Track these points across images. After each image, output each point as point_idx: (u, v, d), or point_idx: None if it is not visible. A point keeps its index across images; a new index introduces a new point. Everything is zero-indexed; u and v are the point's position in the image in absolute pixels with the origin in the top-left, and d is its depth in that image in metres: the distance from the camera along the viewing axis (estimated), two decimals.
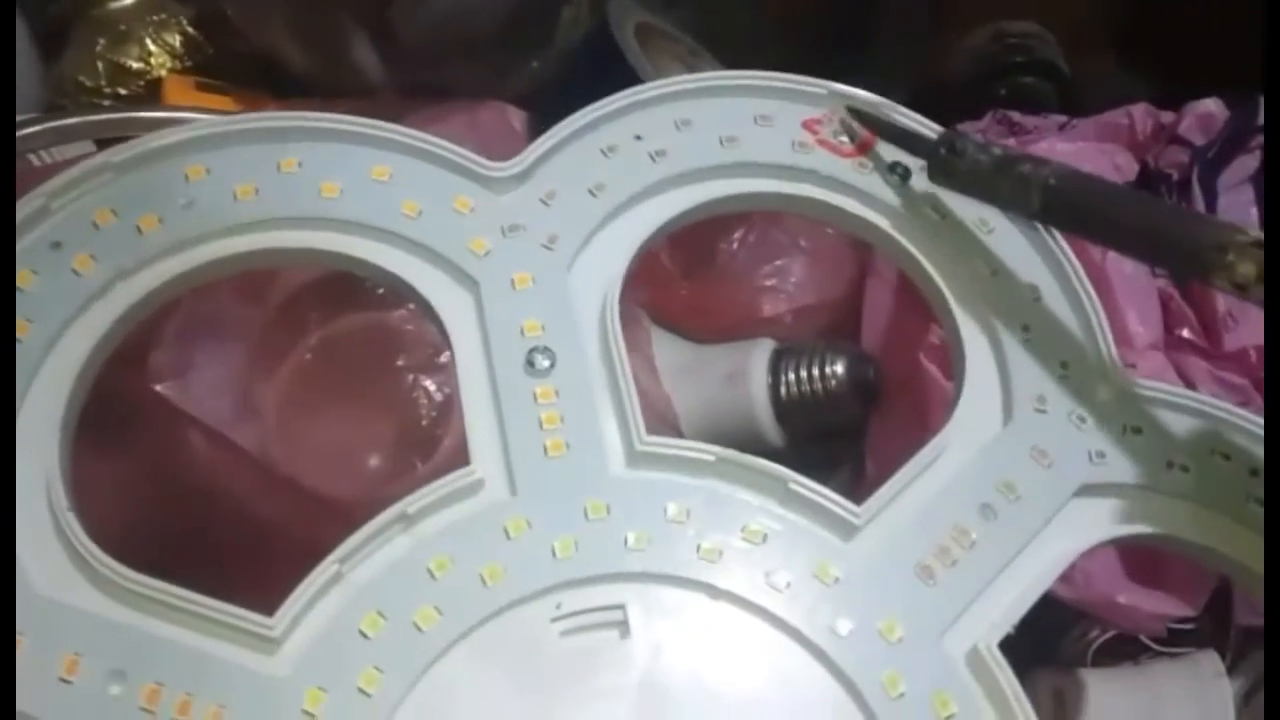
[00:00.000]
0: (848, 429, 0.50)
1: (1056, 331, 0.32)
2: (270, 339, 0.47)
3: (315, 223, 0.32)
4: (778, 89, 0.35)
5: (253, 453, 0.43)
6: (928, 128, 0.35)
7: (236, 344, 0.46)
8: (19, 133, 0.49)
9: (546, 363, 0.30)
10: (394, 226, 0.32)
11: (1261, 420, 0.31)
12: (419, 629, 0.26)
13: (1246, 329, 0.45)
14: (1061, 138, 0.54)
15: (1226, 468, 0.31)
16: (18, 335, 0.29)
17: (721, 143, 0.34)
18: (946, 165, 0.32)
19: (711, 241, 0.55)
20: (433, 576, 0.27)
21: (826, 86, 0.35)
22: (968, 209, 0.34)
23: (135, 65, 0.64)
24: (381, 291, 0.47)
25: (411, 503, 0.28)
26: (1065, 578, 0.44)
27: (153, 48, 0.64)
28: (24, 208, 0.31)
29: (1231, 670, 0.46)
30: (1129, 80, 0.71)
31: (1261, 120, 0.53)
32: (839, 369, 0.48)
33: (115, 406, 0.42)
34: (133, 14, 0.64)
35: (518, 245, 0.32)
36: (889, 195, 0.34)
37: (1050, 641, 0.49)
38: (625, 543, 0.28)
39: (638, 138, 0.34)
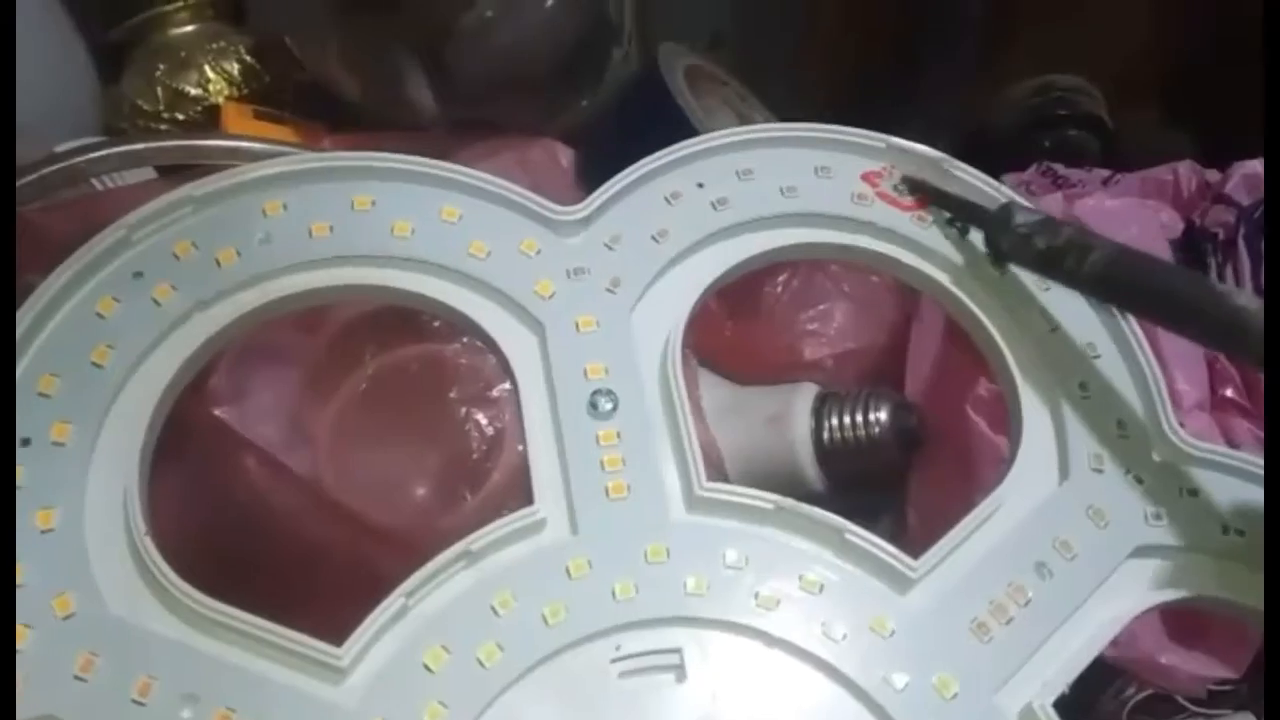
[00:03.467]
0: (888, 476, 0.51)
1: (1114, 391, 0.33)
2: (325, 368, 0.48)
3: (387, 260, 0.33)
4: (837, 141, 0.36)
5: (305, 477, 0.43)
6: (983, 183, 0.36)
7: (291, 371, 0.47)
8: (86, 157, 0.50)
9: (609, 405, 0.31)
10: (463, 266, 0.33)
11: None
12: (482, 665, 0.27)
13: None
14: (1108, 194, 0.55)
15: None
16: (99, 361, 0.30)
17: (782, 193, 0.35)
18: (998, 249, 0.33)
19: (756, 284, 0.55)
20: (496, 613, 0.28)
21: (886, 140, 0.36)
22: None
23: (194, 91, 0.65)
24: (437, 324, 0.48)
25: (475, 540, 0.28)
26: None
27: (211, 75, 0.66)
28: (106, 238, 0.32)
29: None
30: (1173, 135, 0.71)
31: None
32: (882, 415, 0.49)
33: (174, 429, 0.43)
34: (192, 41, 0.66)
35: (582, 288, 0.33)
36: (947, 249, 0.34)
37: (1086, 699, 0.49)
38: (684, 587, 0.29)
39: (700, 185, 0.35)
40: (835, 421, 0.49)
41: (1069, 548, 0.30)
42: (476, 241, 0.33)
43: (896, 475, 0.50)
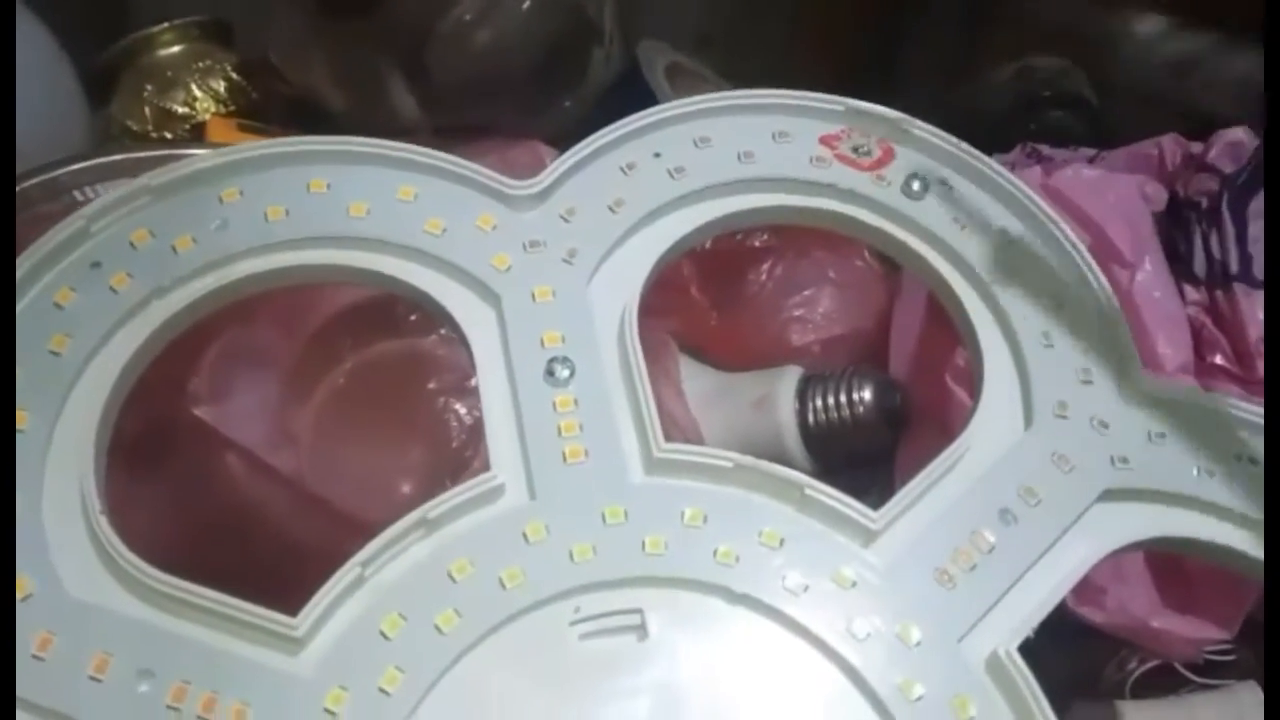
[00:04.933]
0: (876, 455, 0.50)
1: (1078, 340, 0.32)
2: (304, 366, 0.48)
3: (344, 241, 0.33)
4: (795, 106, 0.36)
5: (288, 476, 0.44)
6: (945, 142, 0.36)
7: (271, 372, 0.48)
8: (66, 169, 0.50)
9: (566, 372, 0.31)
10: (419, 244, 0.33)
11: None
12: (440, 631, 0.27)
13: None
14: (1086, 166, 0.55)
15: (1253, 472, 0.30)
16: (57, 349, 0.30)
17: (739, 158, 0.35)
18: None
19: (740, 273, 0.55)
20: (453, 580, 0.28)
21: (843, 103, 0.36)
22: (988, 218, 0.34)
23: (181, 110, 0.66)
24: (414, 318, 0.48)
25: (432, 508, 0.28)
26: (1099, 603, 0.43)
27: (198, 93, 0.66)
28: (64, 229, 0.32)
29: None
30: (1155, 112, 0.71)
31: None
32: (866, 395, 0.48)
33: (156, 430, 0.43)
34: (179, 61, 0.67)
35: (538, 260, 0.33)
36: (907, 207, 0.34)
37: (1089, 674, 0.48)
38: (643, 547, 0.28)
39: (657, 155, 0.35)
40: (820, 403, 0.49)
41: (1033, 494, 0.29)
42: (433, 219, 0.33)
43: (883, 453, 0.50)
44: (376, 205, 0.33)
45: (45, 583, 0.27)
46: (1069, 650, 0.30)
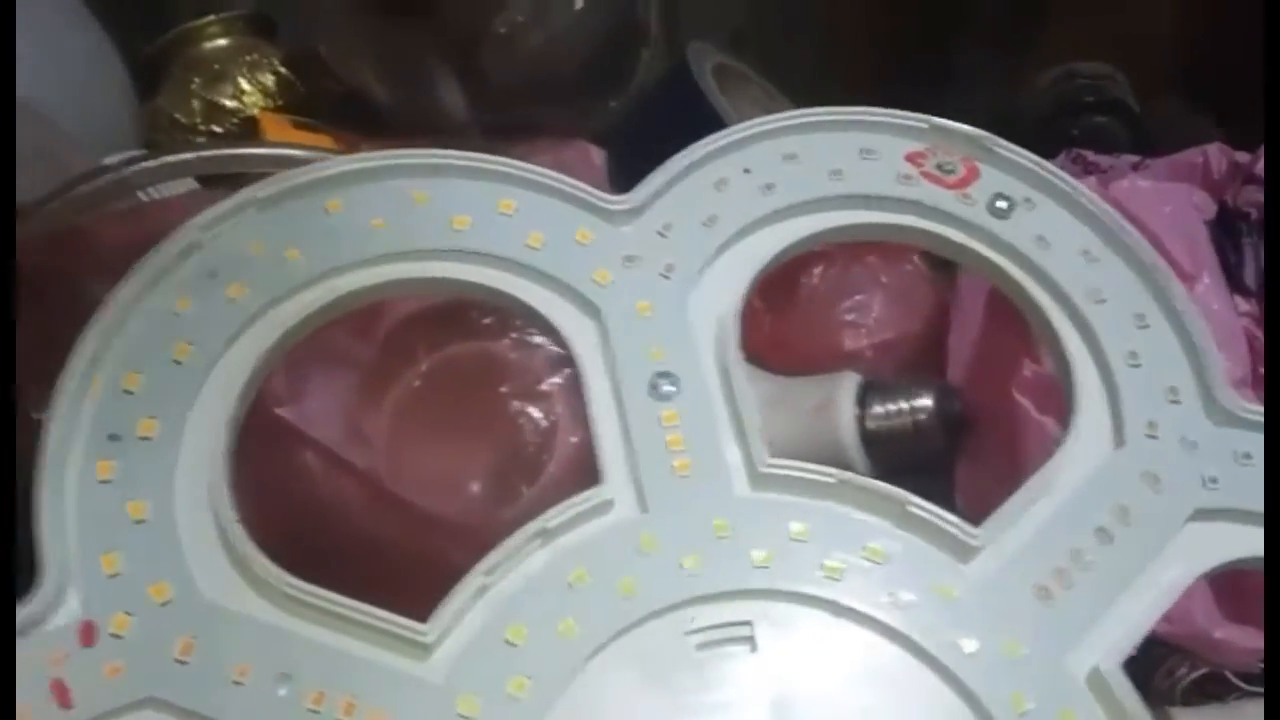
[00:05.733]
0: (934, 462, 0.51)
1: (1164, 359, 0.33)
2: (379, 369, 0.49)
3: (447, 254, 0.34)
4: (880, 123, 0.37)
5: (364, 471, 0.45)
6: (1026, 159, 0.36)
7: (346, 374, 0.48)
8: (137, 167, 0.51)
9: (670, 387, 0.32)
10: (521, 257, 0.34)
11: None
12: (562, 639, 0.28)
13: None
14: (1140, 176, 0.55)
15: None
16: (179, 358, 0.31)
17: (829, 176, 0.36)
18: None
19: (792, 278, 0.56)
20: (571, 588, 0.29)
21: (928, 121, 0.37)
22: (1072, 239, 0.35)
23: (229, 104, 0.66)
24: (486, 321, 0.49)
25: (550, 519, 0.29)
26: (1164, 615, 0.44)
27: (246, 87, 0.67)
28: (178, 241, 0.33)
29: None
30: (1199, 120, 0.72)
31: None
32: (927, 401, 0.49)
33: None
34: (227, 54, 0.67)
35: (637, 275, 0.34)
36: (994, 225, 0.35)
37: (1138, 683, 0.49)
38: (751, 560, 0.29)
39: (747, 171, 0.36)
40: (880, 409, 0.49)
41: (1127, 513, 0.31)
42: (534, 233, 0.34)
43: (942, 461, 0.51)
44: (478, 218, 0.34)
45: (183, 588, 0.28)
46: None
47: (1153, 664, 0.49)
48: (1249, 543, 0.31)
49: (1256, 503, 0.31)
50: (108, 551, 0.29)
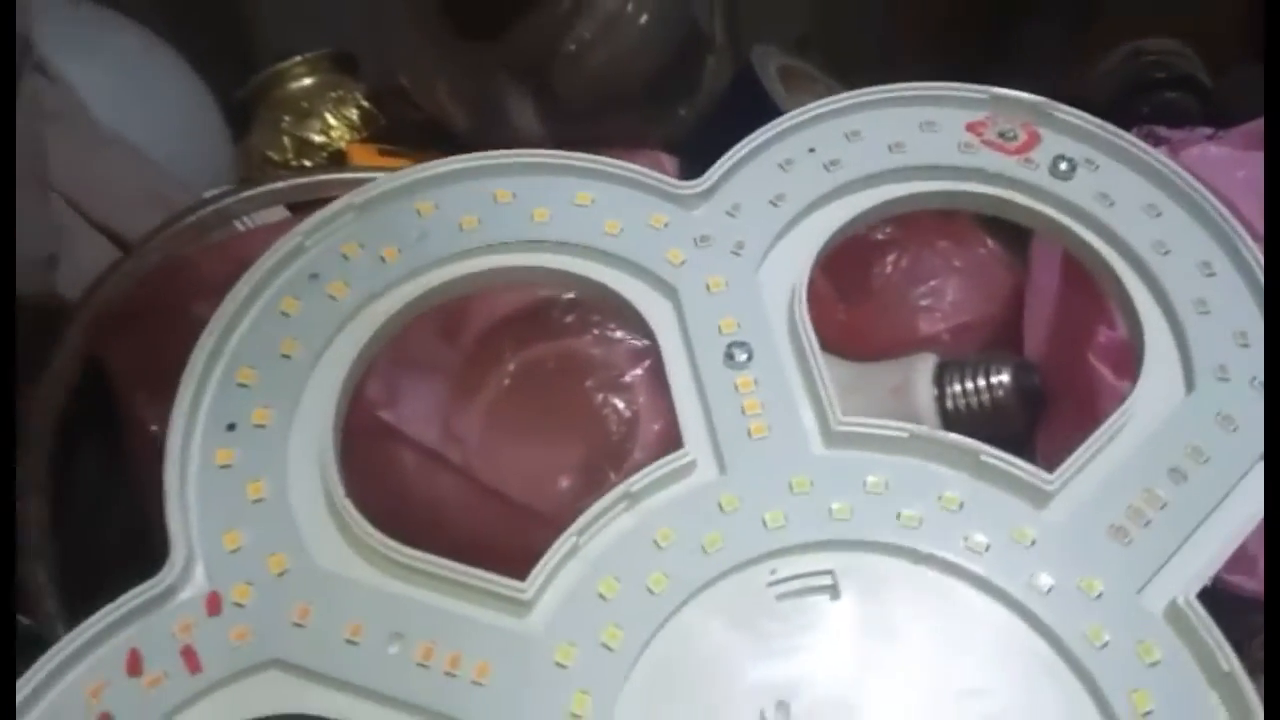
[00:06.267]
0: (1015, 438, 0.51)
1: (1232, 304, 0.34)
2: (468, 372, 0.51)
3: (531, 245, 0.36)
4: (940, 96, 0.38)
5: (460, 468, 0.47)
6: (1089, 123, 0.37)
7: (437, 379, 0.51)
8: (229, 199, 0.54)
9: (744, 356, 0.33)
10: (599, 244, 0.36)
11: None
12: (651, 592, 0.29)
13: None
14: (1212, 144, 0.55)
15: None
16: (288, 353, 0.34)
17: (890, 149, 0.37)
18: None
19: (865, 265, 0.57)
20: (658, 546, 0.30)
21: (987, 91, 0.38)
22: (1135, 195, 0.36)
23: (318, 139, 0.70)
24: (569, 320, 0.51)
25: (634, 483, 0.31)
26: (1252, 571, 0.44)
27: (333, 121, 0.70)
28: (282, 247, 0.36)
29: None
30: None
31: None
32: (1005, 378, 0.49)
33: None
34: (313, 92, 0.71)
35: (709, 254, 0.35)
36: (1057, 187, 0.36)
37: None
38: (830, 513, 0.31)
39: (811, 150, 0.37)
40: (958, 388, 0.50)
41: (1201, 453, 0.31)
42: (610, 221, 0.36)
43: (1022, 435, 0.51)
44: (558, 211, 0.36)
45: (298, 558, 0.30)
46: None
47: (1248, 635, 0.49)
48: None
49: None
50: (229, 530, 0.31)
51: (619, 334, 0.51)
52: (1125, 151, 0.37)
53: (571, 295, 0.52)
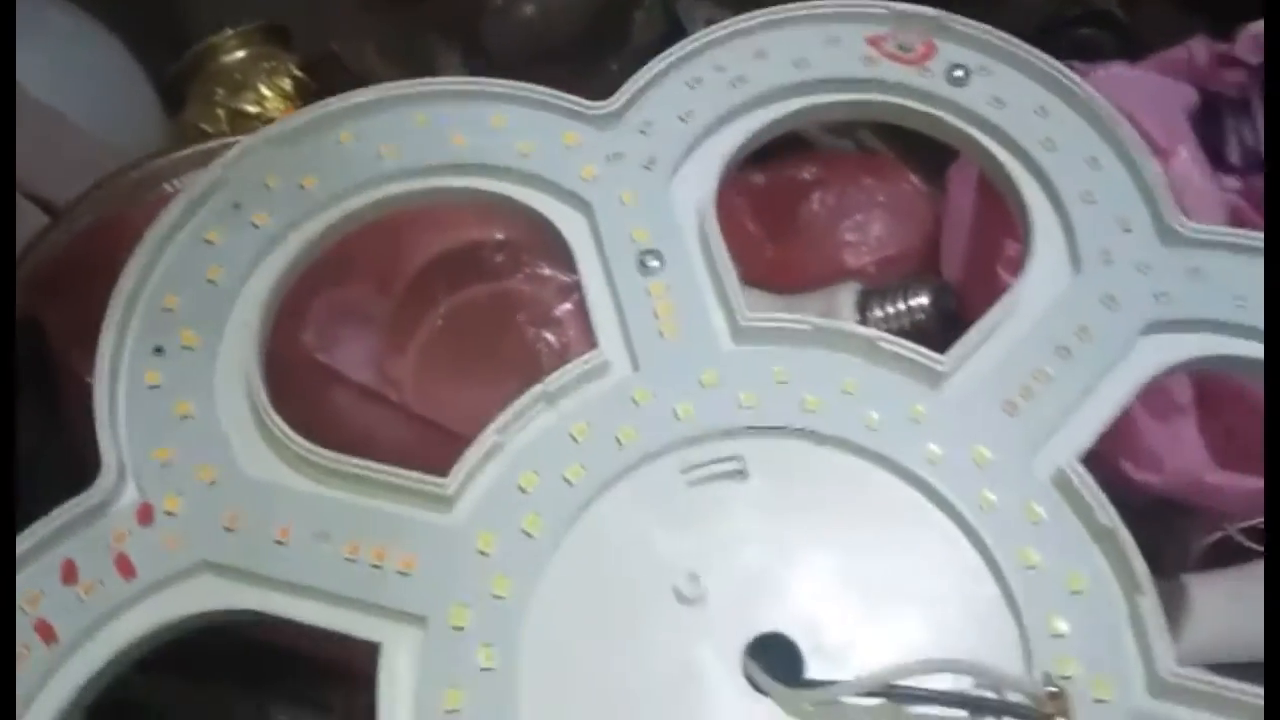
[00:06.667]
0: None
1: (1116, 195, 0.35)
2: (401, 317, 0.52)
3: (448, 169, 0.37)
4: (843, 14, 0.39)
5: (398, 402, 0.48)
6: (989, 34, 0.38)
7: (371, 327, 0.52)
8: (159, 160, 0.55)
9: (656, 263, 0.35)
10: (515, 164, 0.37)
11: None
12: (569, 482, 0.31)
13: None
14: (1121, 67, 0.57)
15: None
16: (213, 279, 0.35)
17: (795, 65, 0.38)
18: None
19: (792, 205, 0.59)
20: (575, 440, 0.32)
21: (887, 6, 0.39)
22: (1026, 98, 0.37)
23: (252, 109, 0.70)
24: (499, 259, 0.52)
25: (551, 382, 0.32)
26: (1154, 465, 0.46)
27: (266, 92, 0.70)
28: (204, 180, 0.37)
29: None
30: (1187, 21, 0.73)
31: None
32: (924, 300, 0.51)
33: (277, 374, 0.48)
34: (246, 65, 0.71)
35: (622, 169, 0.37)
36: (951, 93, 0.37)
37: (1153, 558, 0.51)
38: (738, 403, 0.32)
39: (719, 69, 0.38)
40: (879, 313, 0.52)
41: (1086, 331, 0.33)
42: (524, 142, 0.37)
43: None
44: (473, 134, 0.37)
45: (226, 469, 0.32)
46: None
47: (1167, 539, 0.51)
48: (1199, 346, 0.33)
49: (1204, 312, 0.33)
50: (158, 446, 0.32)
51: (548, 271, 0.52)
52: (1018, 57, 0.38)
53: (501, 237, 0.53)
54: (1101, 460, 0.46)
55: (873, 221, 0.58)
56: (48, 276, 0.50)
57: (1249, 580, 0.47)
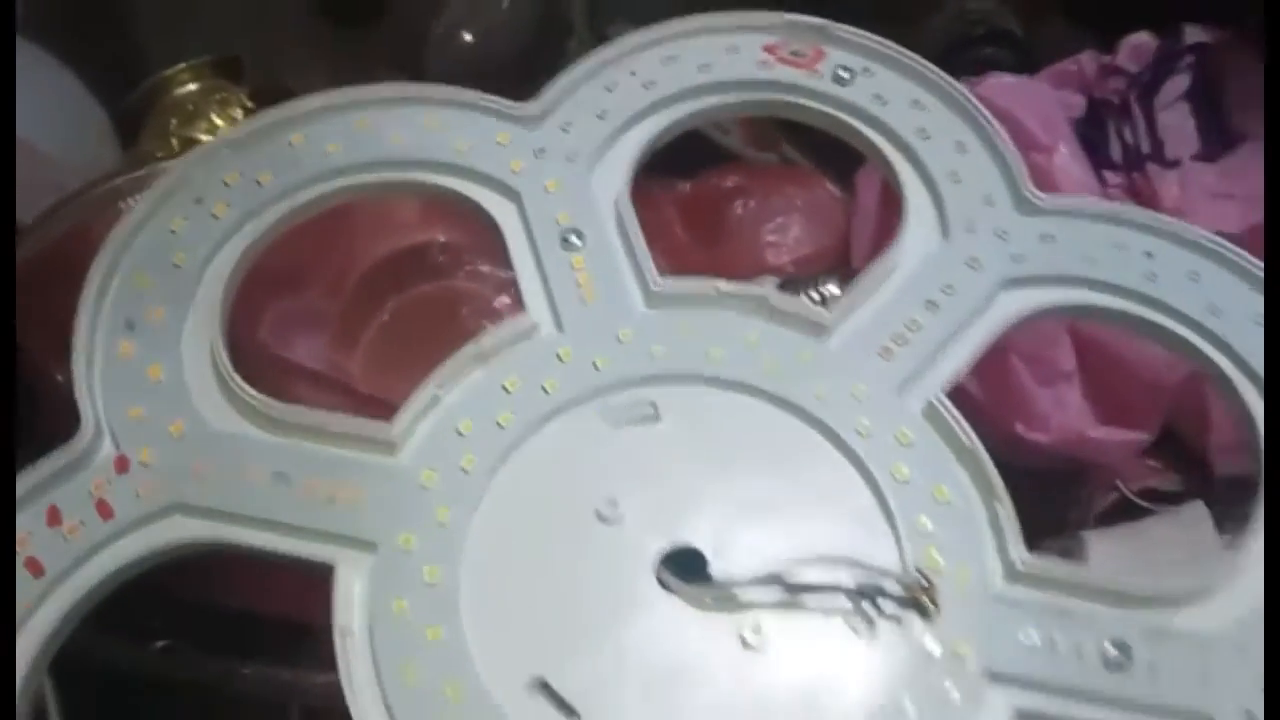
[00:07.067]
0: None
1: (980, 175, 0.40)
2: (349, 316, 0.57)
3: (390, 165, 0.41)
4: (743, 25, 0.44)
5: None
6: (872, 40, 0.44)
7: (322, 329, 0.56)
8: (121, 178, 0.58)
9: (578, 241, 0.39)
10: (451, 159, 0.41)
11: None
12: (501, 427, 0.35)
13: None
14: (1012, 77, 0.63)
15: (1120, 256, 0.39)
16: (179, 263, 0.39)
17: (699, 69, 0.43)
18: None
19: (719, 212, 0.64)
20: (507, 391, 0.36)
21: (780, 17, 0.44)
22: (904, 94, 0.42)
23: (204, 138, 0.73)
24: (442, 259, 0.57)
25: (483, 342, 0.37)
26: (1045, 428, 0.51)
27: (218, 121, 0.74)
28: (169, 179, 0.40)
29: (1220, 518, 0.52)
30: (1079, 39, 0.79)
31: (1187, 42, 0.62)
32: (832, 287, 0.56)
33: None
34: (199, 96, 0.74)
35: (546, 162, 0.41)
36: (838, 91, 0.43)
37: (1052, 521, 0.56)
38: (650, 356, 0.36)
39: (632, 74, 0.43)
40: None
41: (952, 288, 0.38)
42: (459, 141, 0.42)
43: None
44: (413, 134, 0.42)
45: (194, 423, 0.35)
46: (1032, 500, 0.37)
47: (1065, 502, 0.56)
48: (1050, 298, 0.38)
49: (1055, 269, 0.38)
50: (132, 406, 0.36)
51: (487, 269, 0.56)
52: (896, 60, 0.43)
53: (443, 239, 0.57)
54: (997, 423, 0.52)
55: (792, 224, 0.63)
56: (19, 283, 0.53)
57: (1138, 534, 0.52)
